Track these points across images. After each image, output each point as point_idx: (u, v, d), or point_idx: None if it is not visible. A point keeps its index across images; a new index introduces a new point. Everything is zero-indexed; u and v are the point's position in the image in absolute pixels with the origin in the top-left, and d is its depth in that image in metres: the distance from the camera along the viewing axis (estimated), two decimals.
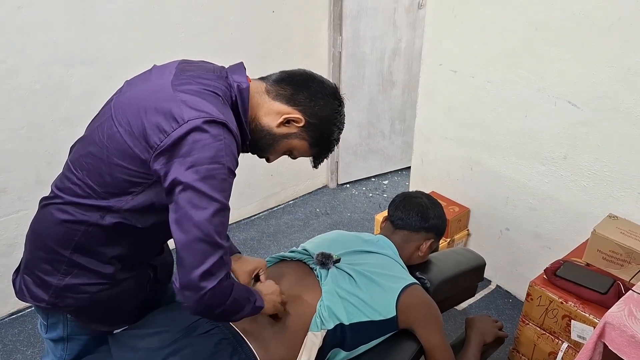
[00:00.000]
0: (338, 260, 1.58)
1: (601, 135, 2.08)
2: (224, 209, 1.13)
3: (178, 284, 1.10)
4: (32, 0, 2.13)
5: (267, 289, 1.39)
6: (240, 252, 1.55)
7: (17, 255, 2.03)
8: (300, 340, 1.40)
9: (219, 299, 1.13)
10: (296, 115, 1.28)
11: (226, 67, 1.33)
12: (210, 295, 1.10)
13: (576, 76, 2.09)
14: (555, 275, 1.92)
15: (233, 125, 1.16)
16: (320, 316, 1.43)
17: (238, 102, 1.25)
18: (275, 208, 3.58)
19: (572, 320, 1.85)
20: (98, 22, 2.34)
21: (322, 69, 3.28)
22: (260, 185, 3.40)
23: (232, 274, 1.35)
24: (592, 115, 2.09)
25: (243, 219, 3.41)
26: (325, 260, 1.56)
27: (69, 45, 2.30)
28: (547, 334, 1.96)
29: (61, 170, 1.31)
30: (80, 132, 1.33)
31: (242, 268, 1.47)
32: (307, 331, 1.41)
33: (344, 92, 1.42)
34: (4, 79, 2.18)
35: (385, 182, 3.96)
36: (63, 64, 2.31)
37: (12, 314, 2.58)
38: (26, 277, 1.32)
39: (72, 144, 1.33)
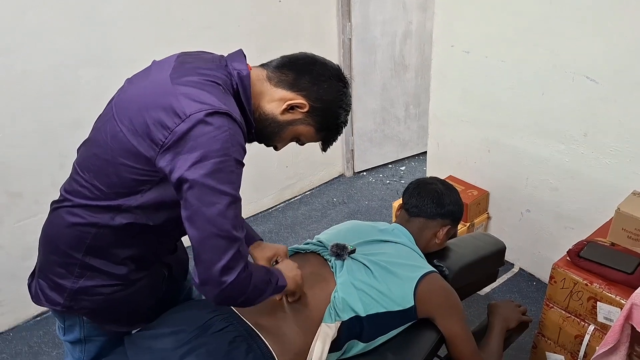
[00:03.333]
0: (353, 251, 1.55)
1: (622, 111, 2.01)
2: (236, 201, 1.11)
3: (197, 280, 1.10)
4: (36, 5, 2.13)
5: (287, 267, 1.38)
6: (262, 239, 1.55)
7: (36, 258, 2.04)
8: (314, 332, 1.38)
9: (239, 290, 1.14)
10: (300, 100, 1.25)
11: (225, 55, 1.30)
12: (230, 288, 1.10)
13: (593, 50, 2.02)
14: (579, 256, 1.87)
15: (236, 114, 1.14)
16: (334, 307, 1.41)
17: (240, 90, 1.22)
18: (292, 199, 3.56)
19: (597, 302, 1.80)
20: (102, 23, 2.33)
21: (332, 57, 3.18)
22: (276, 177, 3.38)
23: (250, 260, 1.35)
24: (611, 90, 2.02)
25: (260, 212, 3.40)
26: (340, 252, 1.53)
27: (75, 48, 2.30)
28: (573, 317, 1.91)
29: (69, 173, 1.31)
30: None
31: (261, 254, 1.48)
32: (321, 323, 1.39)
33: (356, 78, 1.38)
34: (13, 83, 2.18)
35: (402, 168, 3.92)
36: (71, 66, 2.31)
37: (36, 316, 2.61)
38: (41, 281, 1.32)
39: (78, 146, 1.32)
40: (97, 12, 2.30)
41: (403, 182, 3.72)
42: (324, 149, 1.38)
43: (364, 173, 3.86)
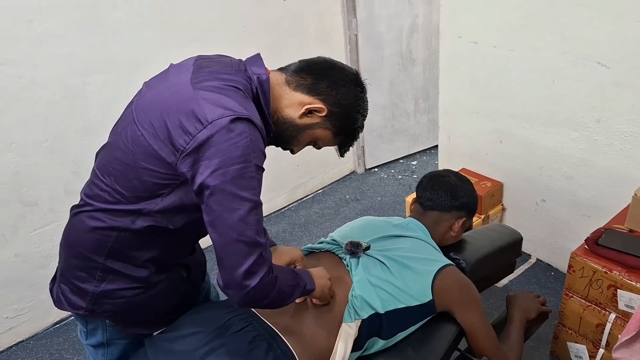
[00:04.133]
0: (368, 248, 1.54)
1: (635, 95, 1.98)
2: (257, 207, 1.12)
3: (221, 283, 1.12)
4: (42, 14, 2.14)
5: (319, 273, 1.38)
6: (276, 244, 1.55)
7: (54, 266, 2.07)
8: (335, 332, 1.37)
9: (263, 294, 1.14)
10: (318, 105, 1.25)
11: (243, 59, 1.30)
12: (253, 292, 1.11)
13: (604, 35, 1.99)
14: (597, 244, 1.85)
15: (257, 119, 1.14)
16: (353, 306, 1.40)
17: (259, 94, 1.22)
18: (305, 198, 3.56)
19: (618, 290, 1.78)
20: (108, 29, 2.34)
21: (339, 54, 3.23)
22: (288, 176, 3.38)
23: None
24: (623, 74, 1.99)
25: (273, 212, 3.40)
26: (355, 249, 1.52)
27: (83, 55, 2.31)
28: (593, 306, 1.89)
29: (89, 178, 1.31)
30: (103, 140, 1.33)
31: (278, 260, 1.47)
32: (341, 323, 1.38)
33: (364, 75, 1.38)
34: (24, 93, 2.20)
35: (414, 162, 3.90)
36: (79, 74, 2.32)
37: (56, 323, 2.63)
38: (63, 286, 1.32)
39: (97, 150, 1.33)
40: (103, 18, 2.31)
41: (415, 176, 3.70)
42: (341, 154, 1.39)
43: (376, 169, 3.84)
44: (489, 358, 1.49)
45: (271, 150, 1.45)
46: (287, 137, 1.30)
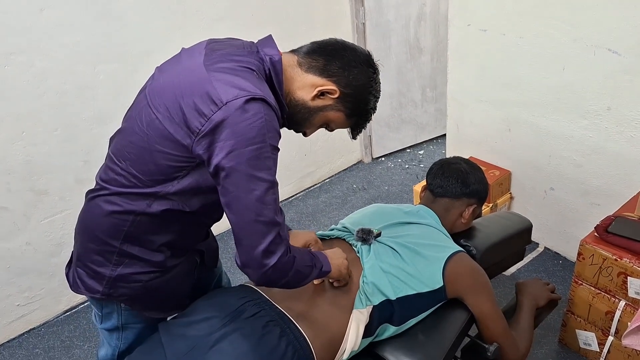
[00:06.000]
0: (379, 235, 1.55)
1: None
2: (273, 186, 1.13)
3: (239, 262, 1.14)
4: (52, 3, 2.14)
5: (335, 254, 1.39)
6: (290, 228, 1.55)
7: (65, 254, 2.06)
8: (346, 318, 1.38)
9: (281, 273, 1.16)
10: (330, 86, 1.25)
11: (255, 42, 1.30)
12: (272, 271, 1.13)
13: (615, 21, 1.97)
14: (607, 231, 1.85)
15: (271, 99, 1.14)
16: (364, 292, 1.41)
17: (272, 75, 1.22)
18: (312, 187, 3.56)
19: (628, 277, 1.78)
20: (117, 17, 2.34)
21: None
22: (295, 166, 3.39)
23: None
24: (635, 61, 1.97)
25: (281, 201, 3.40)
26: (366, 236, 1.53)
27: (92, 44, 2.31)
28: (603, 293, 1.89)
29: (103, 163, 1.32)
30: (113, 128, 1.33)
31: (293, 242, 1.47)
32: (353, 309, 1.39)
33: None
34: (34, 82, 2.21)
35: (421, 152, 3.89)
36: (89, 62, 2.33)
37: (66, 311, 2.65)
38: (79, 270, 1.34)
39: (111, 136, 1.33)
40: (112, 6, 2.30)
41: (422, 166, 3.70)
42: (354, 136, 1.38)
43: (383, 158, 3.84)
44: (500, 344, 1.50)
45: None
46: (300, 119, 1.30)
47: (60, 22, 2.19)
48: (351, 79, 1.25)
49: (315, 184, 3.58)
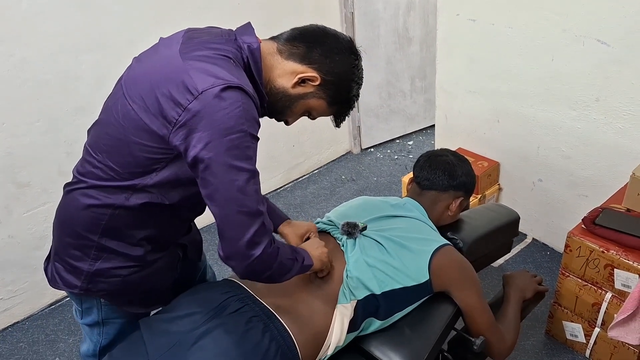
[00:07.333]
0: (365, 228, 1.53)
1: (635, 73, 1.96)
2: (254, 176, 1.10)
3: (223, 254, 1.11)
4: None
5: (312, 245, 1.38)
6: (289, 218, 1.55)
7: (48, 247, 2.03)
8: (331, 312, 1.36)
9: (265, 265, 1.14)
10: (311, 73, 1.22)
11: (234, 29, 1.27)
12: (257, 263, 1.12)
13: (604, 11, 1.96)
14: (595, 223, 1.84)
15: (249, 87, 1.11)
16: (347, 287, 1.39)
17: (250, 63, 1.20)
18: (300, 179, 3.54)
19: (615, 269, 1.78)
20: (100, 7, 2.29)
21: None
22: (283, 156, 3.36)
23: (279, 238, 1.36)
24: (624, 52, 1.96)
25: (268, 193, 3.38)
26: (352, 230, 1.51)
27: (74, 33, 2.26)
28: (590, 285, 1.89)
29: (81, 156, 1.29)
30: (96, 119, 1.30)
31: (294, 232, 1.49)
32: (337, 304, 1.37)
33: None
34: (14, 72, 2.16)
35: (410, 142, 3.88)
36: (71, 52, 2.28)
37: (51, 304, 2.62)
38: (57, 265, 1.31)
39: (88, 128, 1.30)
40: None
41: (411, 157, 3.69)
42: (337, 124, 1.36)
43: (372, 149, 3.82)
44: (486, 337, 1.49)
45: (266, 130, 1.43)
46: (281, 107, 1.27)
47: (41, 10, 2.14)
48: (333, 66, 1.23)
49: (304, 175, 3.56)
